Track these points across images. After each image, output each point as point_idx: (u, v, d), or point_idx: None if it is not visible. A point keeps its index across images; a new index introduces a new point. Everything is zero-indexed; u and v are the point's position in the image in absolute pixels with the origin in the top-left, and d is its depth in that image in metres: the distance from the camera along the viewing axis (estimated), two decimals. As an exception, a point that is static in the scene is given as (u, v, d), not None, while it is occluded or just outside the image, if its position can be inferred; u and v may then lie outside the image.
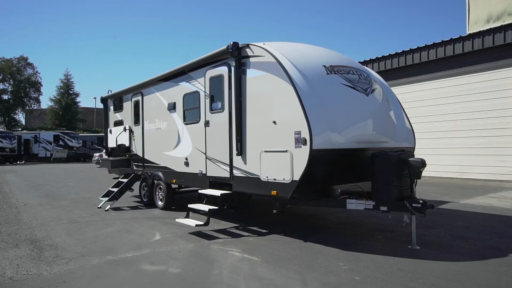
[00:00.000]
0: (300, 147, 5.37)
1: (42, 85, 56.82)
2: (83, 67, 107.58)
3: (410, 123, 7.13)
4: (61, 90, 54.63)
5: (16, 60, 53.71)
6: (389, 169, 5.43)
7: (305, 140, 5.29)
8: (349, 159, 5.94)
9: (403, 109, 7.20)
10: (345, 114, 5.87)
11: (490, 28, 13.29)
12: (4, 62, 52.38)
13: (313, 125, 5.27)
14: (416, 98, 15.06)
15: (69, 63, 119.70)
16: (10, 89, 54.14)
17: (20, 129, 48.66)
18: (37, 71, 56.72)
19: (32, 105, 56.66)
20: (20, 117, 58.27)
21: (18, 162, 37.62)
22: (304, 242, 5.81)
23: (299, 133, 5.39)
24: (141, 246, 5.86)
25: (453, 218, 7.26)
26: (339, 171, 5.94)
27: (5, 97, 53.95)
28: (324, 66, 6.10)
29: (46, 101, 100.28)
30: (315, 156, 5.27)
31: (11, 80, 53.65)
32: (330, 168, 5.75)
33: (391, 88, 7.92)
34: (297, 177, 5.41)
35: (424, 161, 5.33)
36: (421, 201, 5.26)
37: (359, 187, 5.98)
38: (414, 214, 5.28)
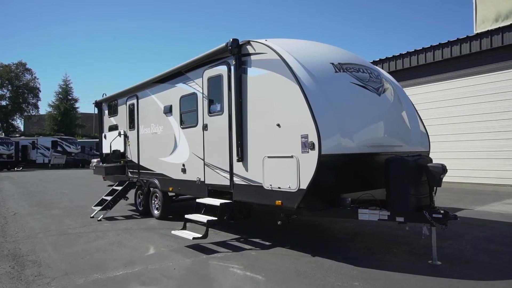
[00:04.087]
0: (308, 152, 4.85)
1: (40, 91, 56.58)
2: (82, 72, 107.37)
3: (424, 126, 6.62)
4: (59, 95, 54.27)
5: (15, 65, 53.38)
6: (406, 176, 4.91)
7: (313, 144, 4.78)
8: (360, 164, 5.43)
9: (416, 110, 6.69)
10: (356, 115, 5.36)
11: (499, 27, 12.82)
12: (2, 68, 52.03)
13: (321, 128, 4.76)
14: (421, 100, 14.50)
15: (68, 68, 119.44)
16: (8, 95, 53.78)
17: (18, 135, 48.20)
18: (35, 77, 56.35)
19: (31, 111, 56.30)
20: (19, 123, 57.92)
21: (15, 169, 37.09)
22: (312, 257, 5.27)
23: (306, 136, 4.88)
24: (132, 262, 5.33)
25: (471, 228, 6.73)
26: (350, 178, 5.43)
27: (3, 103, 53.58)
28: (332, 63, 5.60)
29: (44, 106, 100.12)
30: (324, 162, 4.75)
31: (9, 86, 53.28)
32: (340, 175, 5.23)
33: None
34: (304, 185, 4.89)
35: (445, 166, 4.81)
36: (442, 211, 4.73)
37: (371, 195, 5.46)
38: (434, 225, 4.76)
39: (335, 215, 5.64)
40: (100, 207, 9.02)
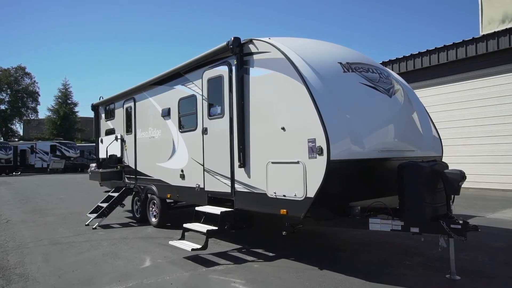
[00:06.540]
0: (315, 157, 4.50)
1: (39, 95, 56.31)
2: (82, 76, 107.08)
3: (436, 129, 6.27)
4: (59, 99, 53.87)
5: (14, 69, 53.16)
6: (421, 183, 4.56)
7: (321, 149, 4.43)
8: (371, 171, 5.08)
9: (427, 113, 6.35)
10: (366, 118, 5.01)
11: (506, 29, 12.50)
12: (1, 72, 51.80)
13: (330, 131, 4.41)
14: (425, 103, 14.13)
15: (67, 72, 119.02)
16: (7, 99, 53.50)
17: (17, 139, 47.87)
18: (35, 81, 56.20)
19: (30, 115, 56.03)
20: (18, 127, 57.59)
21: (14, 173, 36.73)
22: (319, 270, 4.90)
23: (313, 141, 4.53)
24: (126, 276, 4.96)
25: (487, 237, 6.34)
26: (359, 185, 5.07)
27: (2, 107, 53.34)
28: (340, 63, 5.26)
29: (44, 110, 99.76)
30: (333, 169, 4.40)
31: (8, 90, 53.02)
32: (350, 182, 4.87)
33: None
34: (311, 193, 4.53)
35: (464, 173, 4.46)
36: (461, 222, 4.38)
37: (383, 203, 5.10)
38: (453, 237, 4.39)
39: (344, 225, 5.26)
40: (95, 215, 8.66)
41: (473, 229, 4.36)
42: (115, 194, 9.05)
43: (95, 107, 11.39)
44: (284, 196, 4.90)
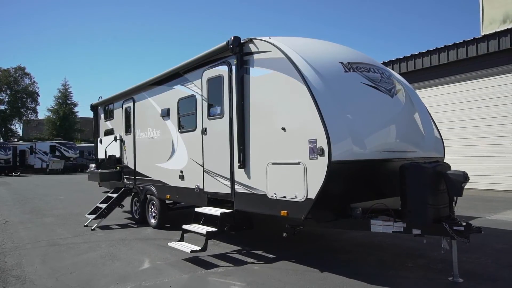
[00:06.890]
0: (316, 158, 4.44)
1: (39, 95, 56.23)
2: (82, 77, 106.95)
3: (438, 130, 6.21)
4: (58, 100, 53.74)
5: (13, 70, 53.07)
6: (423, 184, 4.50)
7: (322, 150, 4.37)
8: (372, 172, 5.01)
9: (429, 114, 6.29)
10: (368, 118, 4.94)
11: (507, 29, 12.45)
12: (1, 72, 51.74)
13: (331, 132, 4.35)
14: (426, 103, 14.07)
15: (67, 72, 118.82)
16: (7, 100, 53.40)
17: (16, 139, 47.82)
18: (34, 81, 56.13)
19: (29, 116, 55.94)
20: (17, 127, 57.50)
21: (13, 174, 36.66)
22: (320, 273, 4.84)
23: (314, 141, 4.47)
24: (125, 278, 4.90)
25: (489, 238, 6.28)
26: (360, 186, 5.01)
27: (2, 107, 53.25)
28: (341, 63, 5.20)
29: (43, 111, 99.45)
30: (334, 170, 4.34)
31: (8, 90, 52.94)
32: (351, 183, 4.81)
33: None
34: (312, 194, 4.47)
35: (467, 174, 4.40)
36: (464, 223, 4.32)
37: (384, 204, 5.04)
38: (455, 239, 4.33)
39: (345, 227, 5.19)
40: (94, 215, 8.59)
41: (476, 231, 4.31)
42: (114, 195, 8.99)
43: (94, 108, 11.34)
44: (284, 197, 4.84)
